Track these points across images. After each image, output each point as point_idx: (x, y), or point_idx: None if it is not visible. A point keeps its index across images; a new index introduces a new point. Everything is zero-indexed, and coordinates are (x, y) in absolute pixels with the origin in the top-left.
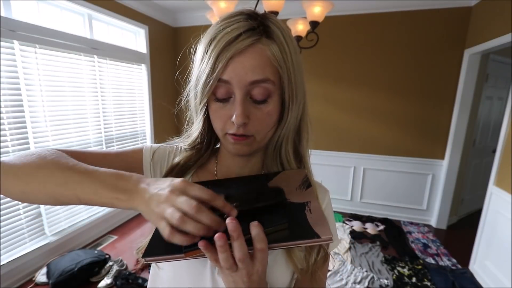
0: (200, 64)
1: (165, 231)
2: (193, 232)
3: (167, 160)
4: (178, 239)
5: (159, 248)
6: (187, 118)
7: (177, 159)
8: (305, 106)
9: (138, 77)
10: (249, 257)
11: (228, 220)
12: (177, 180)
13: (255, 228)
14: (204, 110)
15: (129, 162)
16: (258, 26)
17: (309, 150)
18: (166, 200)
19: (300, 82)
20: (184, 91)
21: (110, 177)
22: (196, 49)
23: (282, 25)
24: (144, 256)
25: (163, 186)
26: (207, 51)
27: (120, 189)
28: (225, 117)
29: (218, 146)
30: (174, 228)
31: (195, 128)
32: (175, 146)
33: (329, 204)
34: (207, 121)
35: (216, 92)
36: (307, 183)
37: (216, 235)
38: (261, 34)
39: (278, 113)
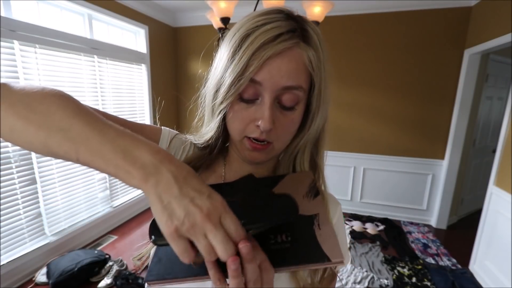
0: (229, 60)
1: (180, 249)
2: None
3: (181, 152)
4: (187, 257)
5: (164, 269)
6: (199, 116)
7: (189, 157)
8: (327, 116)
9: (138, 77)
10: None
11: (241, 244)
12: (217, 200)
13: (260, 255)
14: (225, 110)
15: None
16: (297, 28)
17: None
18: (200, 223)
19: (329, 92)
20: (204, 87)
21: (127, 139)
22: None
23: (319, 31)
24: (147, 279)
25: (196, 195)
26: (241, 46)
27: (137, 161)
28: (248, 119)
29: (226, 145)
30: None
31: (210, 128)
32: (188, 140)
33: (341, 218)
34: (224, 121)
35: (243, 92)
36: (315, 190)
37: (231, 258)
38: (300, 38)
39: (300, 121)
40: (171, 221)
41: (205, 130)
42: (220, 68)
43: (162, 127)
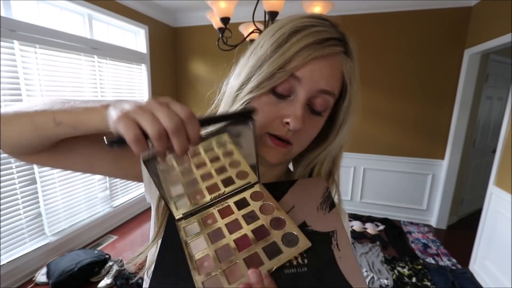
0: (272, 51)
1: (132, 134)
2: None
3: None
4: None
5: (166, 278)
6: (216, 104)
7: None
8: (349, 129)
9: (138, 77)
10: None
11: (250, 271)
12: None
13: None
14: (250, 99)
15: None
16: (342, 39)
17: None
18: (147, 105)
19: (356, 108)
20: (229, 77)
21: (92, 103)
22: (262, 35)
23: (356, 48)
24: None
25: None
26: (287, 41)
27: (101, 104)
28: (275, 114)
29: None
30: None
31: None
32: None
33: (348, 232)
34: None
35: (278, 85)
36: (330, 200)
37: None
38: (344, 48)
39: (320, 129)
40: (121, 111)
41: None
42: (257, 58)
43: None
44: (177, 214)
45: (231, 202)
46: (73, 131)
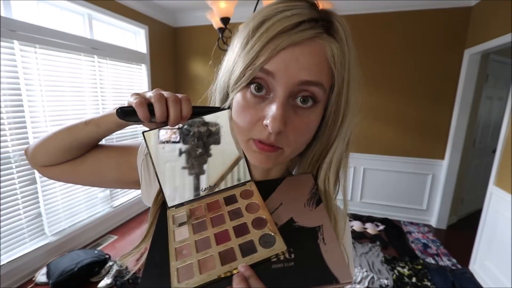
0: (242, 48)
1: (141, 109)
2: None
3: None
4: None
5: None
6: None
7: None
8: (351, 126)
9: (138, 77)
10: None
11: (240, 267)
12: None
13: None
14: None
15: (127, 160)
16: (321, 18)
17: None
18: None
19: (355, 97)
20: (214, 82)
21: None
22: (236, 32)
23: (347, 26)
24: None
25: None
26: (254, 34)
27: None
28: (255, 117)
29: None
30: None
31: None
32: None
33: (348, 232)
34: None
35: (253, 84)
36: (317, 196)
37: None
38: (323, 28)
39: (317, 127)
40: (138, 97)
41: None
42: (231, 58)
43: (142, 141)
44: (170, 203)
45: (220, 197)
46: (96, 129)
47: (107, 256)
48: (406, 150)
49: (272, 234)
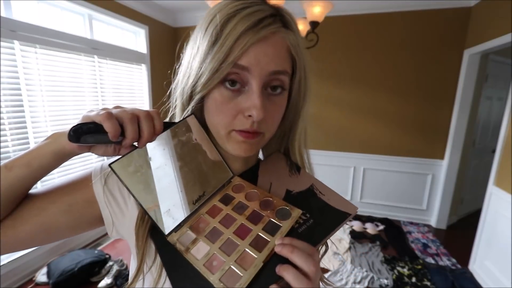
0: (210, 46)
1: (110, 124)
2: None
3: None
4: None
5: None
6: (169, 116)
7: None
8: (309, 106)
9: (138, 77)
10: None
11: (278, 243)
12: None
13: (299, 244)
14: (200, 101)
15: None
16: (277, 13)
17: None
18: (129, 110)
19: (311, 78)
20: (173, 84)
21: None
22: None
23: (294, 18)
24: None
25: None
26: (222, 32)
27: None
28: (235, 110)
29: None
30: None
31: None
32: None
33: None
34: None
35: (228, 79)
36: (294, 165)
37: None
38: (281, 23)
39: (284, 110)
40: (102, 111)
41: None
42: (198, 58)
43: (93, 169)
44: (167, 229)
45: (215, 201)
46: (27, 171)
47: (107, 256)
48: (406, 150)
49: (284, 206)
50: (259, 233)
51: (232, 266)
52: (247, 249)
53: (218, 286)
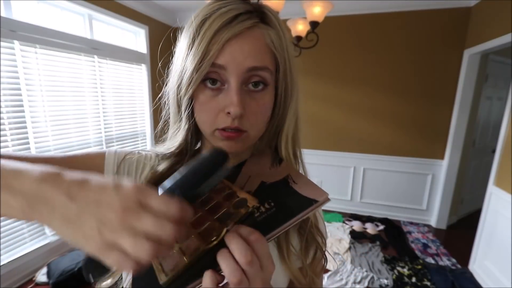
0: (189, 48)
1: (125, 265)
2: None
3: (134, 174)
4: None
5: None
6: (164, 118)
7: (158, 173)
8: (298, 102)
9: (138, 77)
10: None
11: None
12: (127, 187)
13: (243, 230)
14: (190, 103)
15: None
16: (254, 10)
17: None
18: (120, 225)
19: (296, 74)
20: (165, 84)
21: (6, 171)
22: (180, 34)
23: (277, 14)
24: None
25: (99, 194)
26: (199, 33)
27: (15, 190)
28: (216, 109)
29: (197, 147)
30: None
31: (181, 128)
32: (144, 154)
33: None
34: (192, 118)
35: (207, 79)
36: (278, 158)
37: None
38: (258, 18)
39: (272, 106)
40: (88, 238)
41: (172, 133)
42: (180, 59)
43: (107, 150)
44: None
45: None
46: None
47: None
48: (406, 150)
49: (242, 197)
50: (211, 222)
51: (175, 252)
52: (194, 236)
53: (157, 267)
